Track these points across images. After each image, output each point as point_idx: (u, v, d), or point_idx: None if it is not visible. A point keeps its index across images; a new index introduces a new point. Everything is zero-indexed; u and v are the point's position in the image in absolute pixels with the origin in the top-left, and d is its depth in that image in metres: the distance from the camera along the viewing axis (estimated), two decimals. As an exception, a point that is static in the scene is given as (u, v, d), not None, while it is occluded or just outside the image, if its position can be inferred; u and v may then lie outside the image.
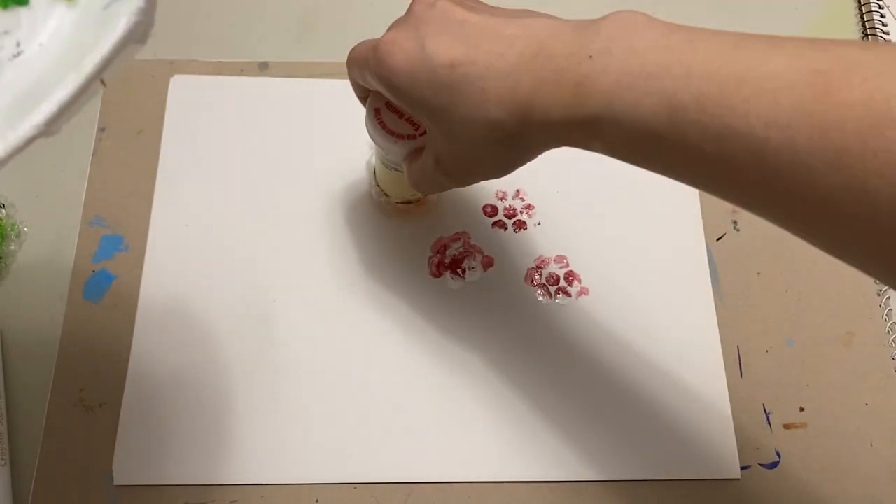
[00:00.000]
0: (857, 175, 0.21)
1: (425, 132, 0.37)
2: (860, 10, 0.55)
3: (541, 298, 0.46)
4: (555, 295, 0.46)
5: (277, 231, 0.47)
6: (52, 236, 0.47)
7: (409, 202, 0.47)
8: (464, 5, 0.33)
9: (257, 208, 0.48)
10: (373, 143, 0.41)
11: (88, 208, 0.47)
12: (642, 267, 0.47)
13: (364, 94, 0.40)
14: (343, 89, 0.51)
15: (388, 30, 0.34)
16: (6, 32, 0.23)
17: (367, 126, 0.40)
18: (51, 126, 0.21)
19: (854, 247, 0.24)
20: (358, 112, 0.50)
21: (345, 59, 0.52)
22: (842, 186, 0.22)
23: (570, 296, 0.46)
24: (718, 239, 0.48)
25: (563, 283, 0.46)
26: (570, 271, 0.46)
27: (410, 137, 0.38)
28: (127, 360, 0.44)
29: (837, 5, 0.55)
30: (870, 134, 0.21)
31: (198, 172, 0.48)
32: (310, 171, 0.49)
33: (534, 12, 0.32)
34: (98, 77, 0.21)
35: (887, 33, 0.54)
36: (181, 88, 0.51)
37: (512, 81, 0.29)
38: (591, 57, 0.27)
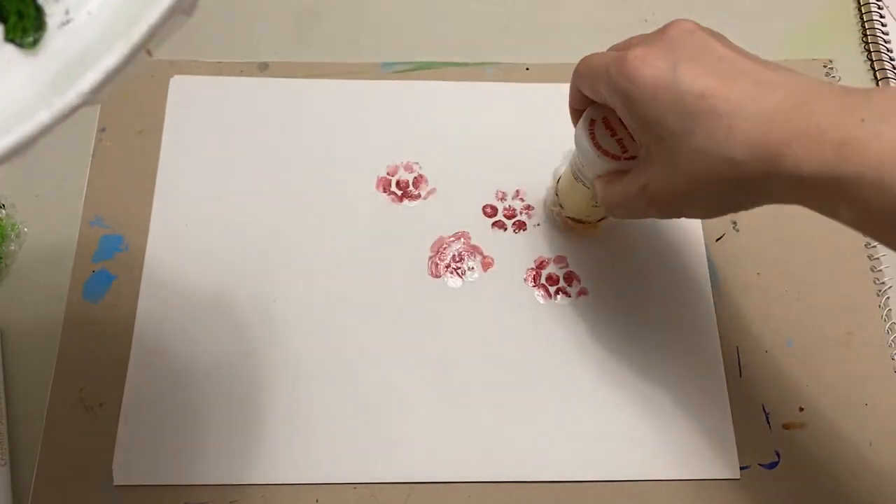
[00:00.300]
0: None
1: (632, 157, 0.37)
2: (860, 10, 0.55)
3: (540, 299, 0.46)
4: (554, 295, 0.46)
5: (277, 231, 0.47)
6: (52, 236, 0.47)
7: (580, 221, 0.46)
8: (722, 42, 0.32)
9: (257, 208, 0.48)
10: (571, 153, 0.41)
11: (88, 208, 0.47)
12: (642, 267, 0.47)
13: (580, 106, 0.39)
14: (343, 90, 0.51)
15: (635, 45, 0.33)
16: (56, 0, 0.23)
17: (576, 135, 0.39)
18: (96, 94, 0.21)
19: None
20: (357, 111, 0.51)
21: (344, 59, 0.53)
22: None
23: (569, 296, 0.46)
24: (718, 239, 0.48)
25: (562, 283, 0.46)
26: (570, 271, 0.46)
27: (616, 157, 0.37)
28: (127, 360, 0.44)
29: (837, 5, 0.55)
30: None
31: (198, 172, 0.48)
32: (310, 171, 0.49)
33: (792, 69, 0.32)
34: (145, 46, 0.21)
35: (887, 34, 0.54)
36: (181, 88, 0.51)
37: (765, 125, 0.28)
38: (863, 120, 0.26)
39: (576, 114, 0.39)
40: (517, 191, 0.49)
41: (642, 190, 0.34)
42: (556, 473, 0.42)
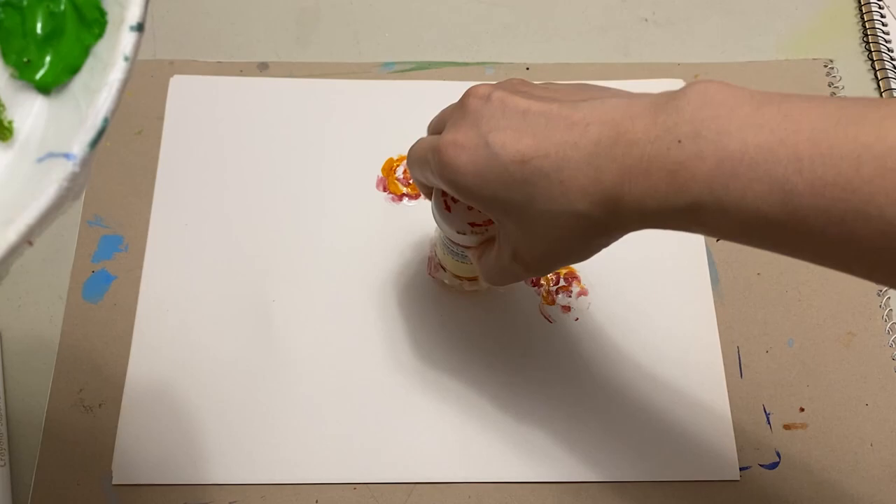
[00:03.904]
0: None
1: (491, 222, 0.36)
2: (860, 10, 0.55)
3: (540, 299, 0.46)
4: (555, 295, 0.46)
5: (277, 231, 0.47)
6: (52, 236, 0.47)
7: (469, 279, 0.44)
8: (520, 93, 0.31)
9: (257, 208, 0.48)
10: (437, 229, 0.39)
11: (88, 208, 0.47)
12: (642, 267, 0.47)
13: (427, 190, 0.38)
14: (343, 89, 0.51)
15: (446, 128, 0.32)
16: None
17: (434, 215, 0.38)
18: None
19: None
20: (357, 111, 0.51)
21: (344, 59, 0.53)
22: None
23: (570, 295, 0.46)
24: (718, 239, 0.47)
25: (562, 282, 0.46)
26: (570, 271, 0.46)
27: (478, 225, 0.36)
28: (127, 360, 0.44)
29: (837, 5, 0.55)
30: None
31: (198, 172, 0.48)
32: (310, 170, 0.49)
33: (593, 87, 0.31)
34: (25, 241, 0.19)
35: (887, 33, 0.54)
36: (181, 88, 0.51)
37: (593, 171, 0.28)
38: (679, 142, 0.26)
39: (425, 189, 0.38)
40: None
41: (513, 258, 0.33)
42: (556, 474, 0.42)
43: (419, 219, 0.47)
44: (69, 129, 0.21)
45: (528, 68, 0.52)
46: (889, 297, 0.46)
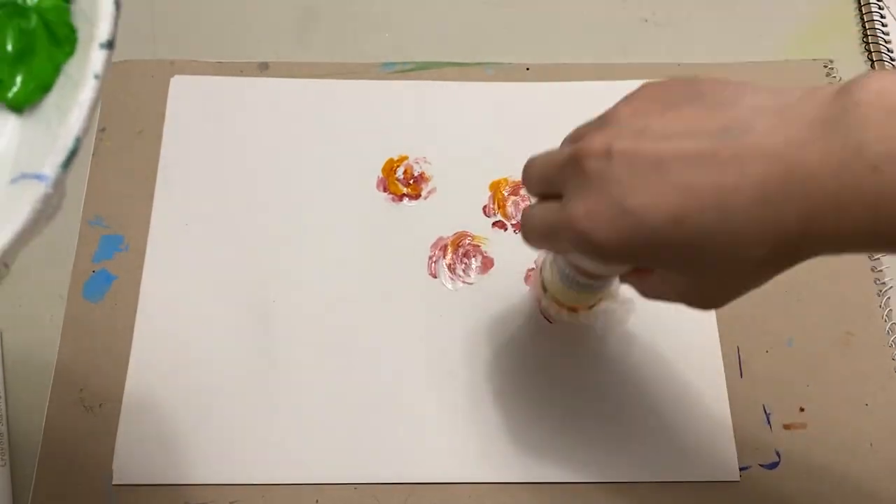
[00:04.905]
0: None
1: None
2: (860, 10, 0.55)
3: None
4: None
5: (277, 231, 0.47)
6: (52, 236, 0.47)
7: (573, 308, 0.42)
8: (641, 135, 0.26)
9: (257, 208, 0.48)
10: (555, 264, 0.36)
11: (88, 208, 0.47)
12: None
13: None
14: (343, 89, 0.51)
15: (569, 196, 0.28)
16: None
17: (569, 260, 0.35)
18: None
19: None
20: (357, 111, 0.51)
21: (344, 59, 0.53)
22: None
23: (570, 296, 0.46)
24: None
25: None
26: (570, 271, 0.46)
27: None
28: (127, 360, 0.44)
29: (837, 6, 0.55)
30: None
31: (198, 172, 0.48)
32: (310, 170, 0.49)
33: (716, 91, 0.26)
34: (0, 263, 0.19)
35: (887, 34, 0.54)
36: (181, 88, 0.51)
37: (768, 216, 0.24)
38: (875, 168, 0.22)
39: None
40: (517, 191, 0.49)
41: (680, 297, 0.30)
42: (556, 474, 0.42)
43: (419, 219, 0.47)
44: (41, 149, 0.20)
45: (528, 68, 0.52)
46: (889, 298, 0.46)
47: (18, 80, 0.22)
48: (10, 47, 0.21)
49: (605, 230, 0.26)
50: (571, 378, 0.44)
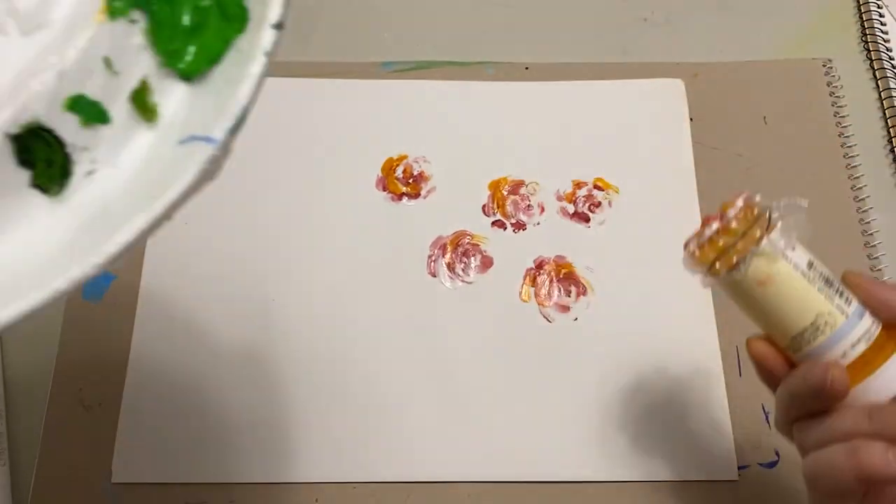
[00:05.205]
0: None
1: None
2: (860, 10, 0.55)
3: (540, 298, 0.46)
4: (554, 295, 0.46)
5: (277, 230, 0.47)
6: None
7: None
8: None
9: (257, 208, 0.48)
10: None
11: (88, 208, 0.47)
12: (641, 267, 0.47)
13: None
14: (343, 89, 0.51)
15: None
16: (85, 149, 0.22)
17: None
18: (112, 264, 0.21)
19: None
20: (357, 111, 0.51)
21: (344, 59, 0.53)
22: None
23: (569, 295, 0.46)
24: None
25: (562, 282, 0.46)
26: (570, 271, 0.46)
27: None
28: (127, 359, 0.44)
29: (836, 5, 0.55)
30: None
31: (197, 172, 0.48)
32: (309, 170, 0.49)
33: None
34: (166, 217, 0.21)
35: (886, 33, 0.54)
36: (181, 88, 0.51)
37: None
38: None
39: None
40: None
41: None
42: (555, 474, 0.42)
43: (418, 218, 0.48)
44: (209, 115, 0.22)
45: (527, 68, 0.52)
46: (888, 297, 0.46)
47: (191, 51, 0.23)
48: (186, 21, 0.23)
49: None
50: (570, 378, 0.44)
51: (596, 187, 0.48)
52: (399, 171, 0.49)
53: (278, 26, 0.23)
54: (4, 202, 0.21)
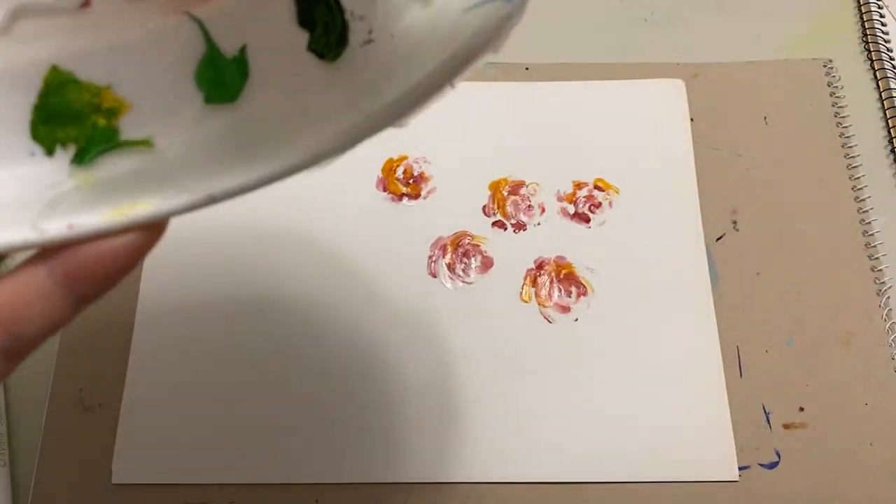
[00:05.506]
0: None
1: None
2: (859, 10, 0.55)
3: (540, 299, 0.46)
4: (554, 295, 0.46)
5: (276, 230, 0.47)
6: (51, 236, 0.47)
7: None
8: None
9: (256, 207, 0.48)
10: None
11: (88, 208, 0.47)
12: (641, 267, 0.47)
13: None
14: (343, 89, 0.51)
15: None
16: (361, 18, 0.22)
17: None
18: (400, 123, 0.21)
19: None
20: (358, 112, 0.50)
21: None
22: None
23: (569, 296, 0.46)
24: (718, 239, 0.48)
25: (562, 283, 0.46)
26: (570, 272, 0.46)
27: None
28: (127, 359, 0.44)
29: (837, 5, 0.55)
30: None
31: (198, 172, 0.48)
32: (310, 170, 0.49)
33: None
34: (448, 83, 0.21)
35: (887, 33, 0.54)
36: (181, 89, 0.51)
37: None
38: None
39: None
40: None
41: None
42: (555, 474, 0.42)
43: (419, 218, 0.48)
44: None
45: (527, 68, 0.52)
46: (889, 297, 0.46)
47: None
48: None
49: None
50: (570, 378, 0.44)
51: (596, 188, 0.48)
52: (399, 172, 0.49)
53: None
54: (283, 59, 0.21)
